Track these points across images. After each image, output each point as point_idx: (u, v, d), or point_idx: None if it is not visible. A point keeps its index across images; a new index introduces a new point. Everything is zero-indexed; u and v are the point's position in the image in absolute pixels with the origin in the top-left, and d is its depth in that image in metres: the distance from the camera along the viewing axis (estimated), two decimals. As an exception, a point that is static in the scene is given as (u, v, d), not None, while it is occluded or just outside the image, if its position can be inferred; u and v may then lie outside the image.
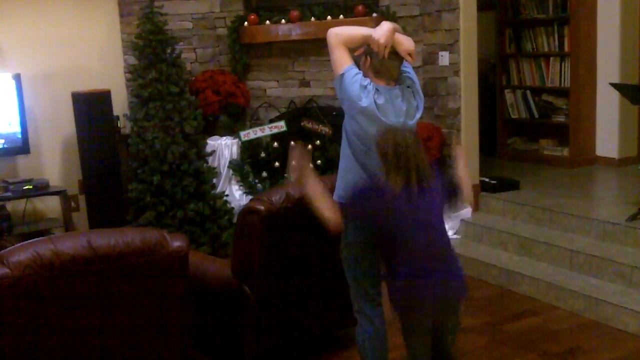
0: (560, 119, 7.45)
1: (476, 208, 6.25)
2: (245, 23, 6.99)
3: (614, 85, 5.93)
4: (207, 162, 6.37)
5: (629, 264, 4.82)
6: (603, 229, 5.31)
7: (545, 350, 4.27)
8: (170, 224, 5.91)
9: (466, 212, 6.18)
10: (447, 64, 6.25)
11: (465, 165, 3.29)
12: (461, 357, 4.20)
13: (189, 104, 6.18)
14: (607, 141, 7.20)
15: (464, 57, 6.16)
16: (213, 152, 6.45)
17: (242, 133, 6.60)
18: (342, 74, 3.22)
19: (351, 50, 3.33)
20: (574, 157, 7.24)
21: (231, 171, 6.66)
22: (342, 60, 3.25)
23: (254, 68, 7.16)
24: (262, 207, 3.74)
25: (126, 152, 6.27)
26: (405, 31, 6.26)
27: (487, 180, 6.40)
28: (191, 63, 7.01)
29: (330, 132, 6.47)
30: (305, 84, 6.95)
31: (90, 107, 6.05)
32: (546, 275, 5.12)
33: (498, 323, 4.71)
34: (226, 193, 6.51)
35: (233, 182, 6.64)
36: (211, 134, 6.72)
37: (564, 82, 7.30)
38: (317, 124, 6.54)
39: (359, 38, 3.29)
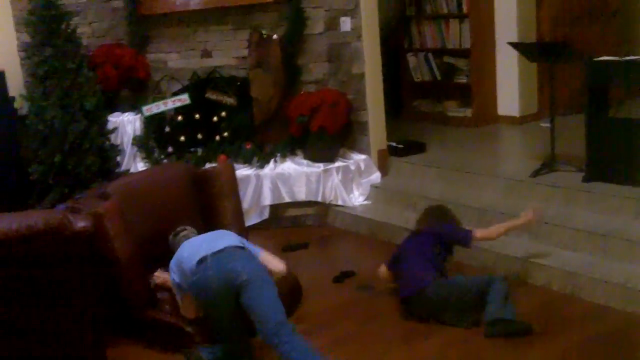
0: (462, 79, 7.56)
1: (385, 172, 6.29)
2: (141, -6, 6.78)
3: (513, 45, 6.04)
4: (110, 140, 6.18)
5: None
6: (508, 186, 5.43)
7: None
8: (75, 205, 5.73)
9: (375, 177, 6.22)
10: (349, 29, 6.22)
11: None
12: (378, 320, 4.26)
13: (88, 79, 5.98)
14: (508, 100, 7.35)
15: (365, 21, 6.15)
16: (115, 128, 6.27)
17: (144, 108, 6.43)
18: None
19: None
20: (477, 117, 7.37)
21: (135, 147, 6.49)
22: None
23: (153, 40, 6.97)
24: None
25: (25, 133, 6.02)
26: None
27: (394, 144, 6.45)
28: (87, 38, 6.76)
29: (235, 102, 6.38)
30: (207, 54, 6.80)
31: (-16, 89, 5.81)
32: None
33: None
34: (131, 170, 6.35)
35: (138, 158, 6.48)
36: (113, 110, 6.52)
37: (464, 43, 7.39)
38: (222, 95, 6.43)
39: None
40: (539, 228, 4.83)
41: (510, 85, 7.26)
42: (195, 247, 3.86)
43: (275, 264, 3.91)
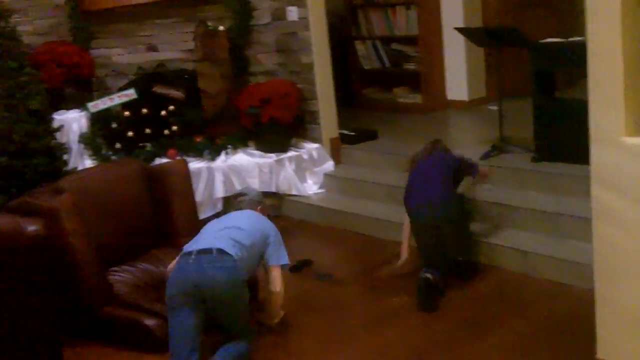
0: (411, 66, 7.60)
1: (338, 161, 6.29)
2: (84, -10, 6.65)
3: (459, 30, 6.08)
4: (56, 138, 6.06)
5: (486, 200, 4.99)
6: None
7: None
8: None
9: (328, 165, 6.22)
10: (297, 19, 6.20)
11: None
12: (338, 308, 4.26)
13: (31, 78, 5.85)
14: (457, 85, 7.42)
15: (312, 11, 6.13)
16: (61, 127, 6.14)
17: (89, 105, 6.31)
18: None
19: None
20: (427, 103, 7.42)
21: (82, 145, 6.38)
22: None
23: (97, 36, 6.85)
24: None
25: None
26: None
27: (346, 132, 6.46)
28: (29, 36, 6.60)
29: (184, 95, 6.30)
30: (152, 48, 6.72)
31: None
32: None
33: (370, 271, 4.78)
34: (79, 168, 6.24)
35: (85, 156, 6.36)
36: (58, 108, 6.39)
37: (412, 30, 7.43)
38: (169, 89, 6.34)
39: None
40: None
41: (458, 70, 7.32)
42: (199, 234, 3.87)
43: (276, 284, 3.86)
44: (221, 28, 6.18)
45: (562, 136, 5.05)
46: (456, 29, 6.09)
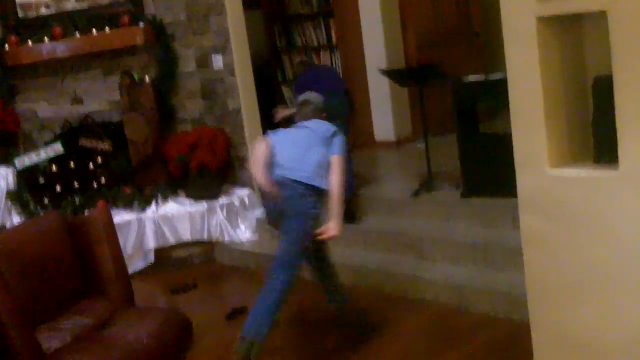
0: (338, 108, 7.65)
1: (270, 205, 6.28)
2: (6, 45, 6.55)
3: (383, 72, 6.18)
4: (-19, 197, 5.93)
5: (418, 235, 5.05)
6: (390, 207, 5.53)
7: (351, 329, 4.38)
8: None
9: (261, 210, 6.19)
10: (221, 66, 6.23)
11: None
12: (272, 352, 4.23)
13: (-48, 136, 5.73)
14: (383, 125, 7.48)
15: (237, 57, 6.18)
16: (-14, 184, 6.02)
17: (16, 161, 6.20)
18: None
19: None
20: (355, 144, 7.45)
21: (10, 202, 6.23)
22: None
23: (21, 90, 6.73)
24: None
25: None
26: (174, 38, 6.23)
27: (276, 176, 6.46)
28: (-51, 94, 6.48)
29: (110, 147, 6.24)
30: (77, 100, 6.64)
31: None
32: (344, 258, 5.23)
33: (303, 313, 4.76)
34: (7, 225, 6.09)
35: (13, 213, 6.22)
36: (-17, 165, 6.26)
37: (337, 72, 7.52)
38: (96, 141, 6.28)
39: None
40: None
41: (384, 110, 7.39)
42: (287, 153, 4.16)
43: (333, 170, 4.03)
44: (147, 78, 6.17)
45: (488, 170, 5.13)
46: (380, 71, 6.18)
